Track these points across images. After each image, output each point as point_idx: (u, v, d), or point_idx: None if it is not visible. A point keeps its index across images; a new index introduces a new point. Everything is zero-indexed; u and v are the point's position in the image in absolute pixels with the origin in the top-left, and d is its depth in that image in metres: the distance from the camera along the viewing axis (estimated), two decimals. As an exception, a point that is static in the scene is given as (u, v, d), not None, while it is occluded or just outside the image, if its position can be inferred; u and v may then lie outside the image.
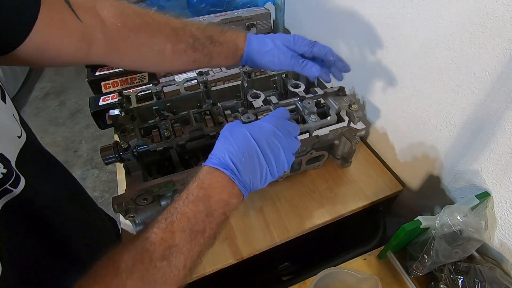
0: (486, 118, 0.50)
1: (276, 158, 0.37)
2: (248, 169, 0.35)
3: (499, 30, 0.44)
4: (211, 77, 0.95)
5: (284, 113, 0.43)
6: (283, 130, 0.39)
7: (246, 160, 0.35)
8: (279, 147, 0.37)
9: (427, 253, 0.51)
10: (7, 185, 0.32)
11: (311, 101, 0.60)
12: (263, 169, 0.36)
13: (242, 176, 0.35)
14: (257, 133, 0.37)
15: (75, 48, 0.43)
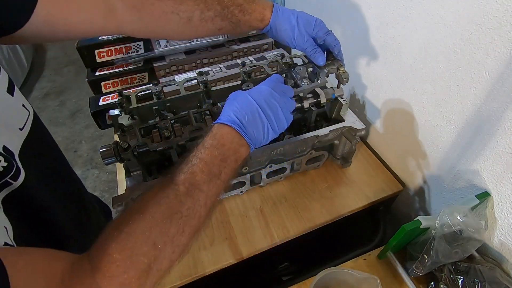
0: (486, 118, 0.50)
1: (275, 114, 0.42)
2: (251, 124, 0.40)
3: (499, 30, 0.44)
4: (211, 77, 0.96)
5: (279, 77, 0.47)
6: (279, 91, 0.43)
7: (248, 117, 0.40)
8: (276, 105, 0.42)
9: (427, 253, 0.51)
10: (7, 178, 0.33)
11: (303, 67, 0.61)
12: (264, 124, 0.41)
13: (247, 129, 0.39)
14: (256, 95, 0.41)
15: (88, 21, 0.43)
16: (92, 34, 0.46)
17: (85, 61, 0.98)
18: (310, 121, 0.70)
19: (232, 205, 0.70)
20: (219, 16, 0.49)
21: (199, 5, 0.47)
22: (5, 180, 0.33)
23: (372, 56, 0.73)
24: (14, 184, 0.34)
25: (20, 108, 0.38)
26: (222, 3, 0.49)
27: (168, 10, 0.46)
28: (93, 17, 0.43)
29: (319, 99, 0.64)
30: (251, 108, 0.40)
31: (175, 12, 0.46)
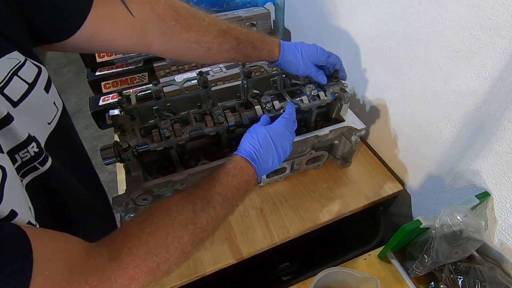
0: (486, 118, 0.50)
1: (284, 152, 0.51)
2: (264, 161, 0.48)
3: (499, 30, 0.44)
4: (211, 77, 0.95)
5: (292, 114, 0.56)
6: (290, 130, 0.53)
7: (264, 155, 0.48)
8: (287, 145, 0.51)
9: (427, 253, 0.51)
10: (35, 163, 0.37)
11: (312, 85, 0.67)
12: (274, 160, 0.50)
13: (260, 165, 0.48)
14: (274, 135, 0.50)
15: (125, 39, 0.50)
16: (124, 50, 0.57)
17: (85, 61, 0.97)
18: (310, 121, 0.70)
19: (232, 205, 0.70)
20: (234, 49, 0.56)
21: (218, 39, 0.54)
22: (34, 164, 0.36)
23: (372, 56, 0.73)
24: (40, 169, 0.38)
25: (51, 105, 0.42)
26: (238, 39, 0.56)
27: (192, 39, 0.53)
28: (130, 36, 0.50)
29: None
30: (268, 148, 0.49)
31: (197, 42, 0.54)
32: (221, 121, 0.59)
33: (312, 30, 0.98)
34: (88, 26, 0.44)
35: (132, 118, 0.62)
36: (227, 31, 0.55)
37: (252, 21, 1.08)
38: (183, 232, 0.37)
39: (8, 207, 0.29)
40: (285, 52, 0.61)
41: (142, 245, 0.34)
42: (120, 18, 0.47)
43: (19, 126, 0.33)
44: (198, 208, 0.40)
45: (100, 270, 0.31)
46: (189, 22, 0.52)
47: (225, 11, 1.10)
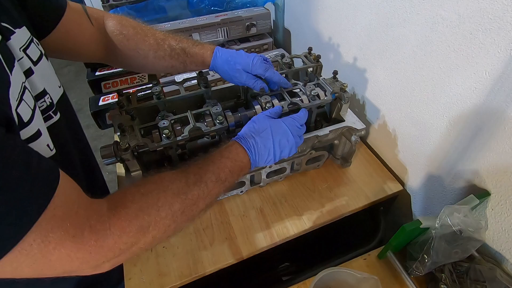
0: (486, 118, 0.50)
1: (282, 152, 0.52)
2: (260, 153, 0.50)
3: (499, 30, 0.44)
4: (211, 77, 0.95)
5: (302, 118, 0.57)
6: (294, 133, 0.53)
7: (260, 147, 0.50)
8: (285, 145, 0.52)
9: (427, 253, 0.51)
10: (50, 112, 0.44)
11: (312, 85, 0.67)
12: (270, 155, 0.51)
13: (255, 155, 0.50)
14: (275, 130, 0.52)
15: (86, 45, 0.57)
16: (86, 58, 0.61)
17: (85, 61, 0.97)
18: (310, 121, 0.70)
19: (232, 205, 0.70)
20: (168, 56, 0.61)
21: (153, 47, 0.60)
22: (49, 113, 0.44)
23: (372, 56, 0.73)
24: (54, 118, 0.45)
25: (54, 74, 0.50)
26: (171, 47, 0.61)
27: (131, 48, 0.60)
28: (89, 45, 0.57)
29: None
30: (266, 142, 0.51)
31: (136, 50, 0.60)
32: (221, 121, 0.59)
33: (312, 30, 0.98)
34: (61, 28, 0.51)
35: (132, 118, 0.62)
36: (163, 39, 0.61)
37: (252, 21, 1.08)
38: (174, 200, 0.40)
39: (36, 127, 0.37)
40: (217, 59, 0.62)
41: (135, 202, 0.37)
42: (84, 25, 0.55)
43: (37, 79, 0.42)
44: (190, 182, 0.42)
45: (99, 215, 0.34)
46: (129, 31, 0.59)
47: (225, 11, 1.10)
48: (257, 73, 0.62)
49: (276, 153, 0.52)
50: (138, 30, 0.60)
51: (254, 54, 0.63)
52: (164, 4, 1.05)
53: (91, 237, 0.32)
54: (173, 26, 1.01)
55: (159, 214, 0.38)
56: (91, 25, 0.56)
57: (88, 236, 0.32)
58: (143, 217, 0.36)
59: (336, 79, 0.69)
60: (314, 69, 0.74)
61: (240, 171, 0.48)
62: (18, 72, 0.36)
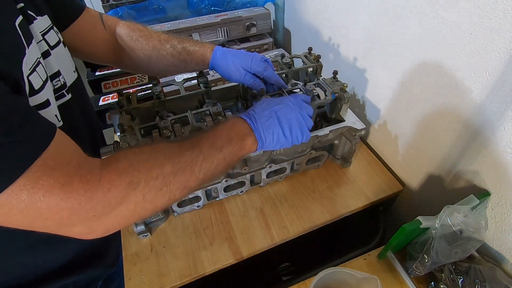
0: (486, 118, 0.50)
1: (288, 125, 0.49)
2: (264, 125, 0.48)
3: (499, 30, 0.44)
4: (211, 77, 0.95)
5: (305, 98, 0.57)
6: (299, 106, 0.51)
7: (264, 119, 0.48)
8: (292, 117, 0.49)
9: (427, 253, 0.51)
10: (63, 91, 0.48)
11: (312, 85, 0.67)
12: (277, 130, 0.48)
13: (258, 127, 0.47)
14: (277, 105, 0.50)
15: (97, 47, 0.62)
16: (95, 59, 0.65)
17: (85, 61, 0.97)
18: (310, 121, 0.70)
19: (232, 205, 0.70)
20: (170, 55, 0.63)
21: (156, 46, 0.63)
22: (62, 92, 0.48)
23: (372, 56, 0.73)
24: (66, 97, 0.49)
25: (70, 59, 0.54)
26: (173, 46, 0.63)
27: (138, 48, 0.63)
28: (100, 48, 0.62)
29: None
30: (268, 113, 0.49)
31: (141, 50, 0.63)
32: (221, 121, 0.59)
33: (312, 30, 0.98)
34: (78, 24, 0.56)
35: (132, 118, 0.62)
36: (166, 40, 0.63)
37: (252, 21, 1.08)
38: (165, 161, 0.39)
39: (45, 97, 0.40)
40: (217, 57, 0.63)
41: (127, 159, 0.38)
42: (97, 28, 0.60)
43: (53, 61, 0.46)
44: (184, 147, 0.42)
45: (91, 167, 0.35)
46: (136, 34, 0.63)
47: (225, 11, 1.10)
48: (256, 72, 0.63)
49: (284, 126, 0.48)
50: (144, 32, 0.63)
51: (255, 53, 0.64)
52: (164, 4, 1.05)
53: (80, 186, 0.32)
54: (173, 26, 1.01)
55: (150, 173, 0.37)
56: (104, 30, 0.61)
57: (78, 186, 0.32)
58: (133, 173, 0.36)
59: (336, 79, 0.69)
60: (314, 69, 0.74)
61: (241, 141, 0.46)
62: (35, 49, 0.40)
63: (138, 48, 0.63)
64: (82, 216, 0.33)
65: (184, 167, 0.40)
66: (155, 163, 0.38)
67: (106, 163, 0.36)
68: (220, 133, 0.45)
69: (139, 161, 0.38)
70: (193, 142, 0.43)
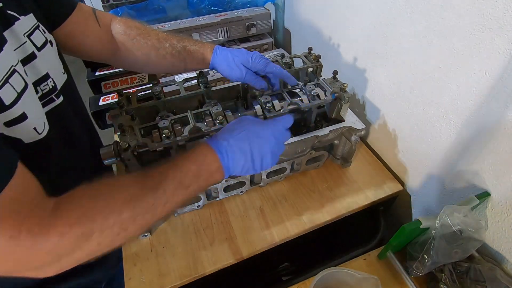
0: (486, 118, 0.50)
1: (261, 159, 0.46)
2: (235, 159, 0.44)
3: (499, 30, 0.44)
4: (211, 77, 0.95)
5: (287, 121, 0.50)
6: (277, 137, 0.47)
7: (234, 150, 0.44)
8: (267, 151, 0.46)
9: (427, 253, 0.51)
10: (53, 95, 0.46)
11: (312, 85, 0.67)
12: (247, 163, 0.45)
13: (228, 161, 0.43)
14: (254, 133, 0.45)
15: (91, 45, 0.58)
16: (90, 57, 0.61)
17: (85, 61, 0.97)
18: (310, 121, 0.70)
19: (232, 205, 0.70)
20: (169, 54, 0.62)
21: (155, 45, 0.61)
22: (51, 96, 0.46)
23: (372, 56, 0.73)
24: (56, 101, 0.47)
25: (58, 59, 0.51)
26: (172, 45, 0.62)
27: (134, 48, 0.61)
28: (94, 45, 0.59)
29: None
30: (242, 145, 0.44)
31: (138, 49, 0.61)
32: (221, 121, 0.59)
33: (312, 30, 0.98)
34: (69, 23, 0.53)
35: (132, 118, 0.62)
36: (165, 39, 0.62)
37: (252, 21, 1.08)
38: (124, 207, 0.36)
39: (21, 110, 0.37)
40: (218, 56, 0.62)
41: (81, 205, 0.35)
42: (90, 26, 0.57)
43: (40, 64, 0.43)
44: (147, 187, 0.38)
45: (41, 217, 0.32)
46: (133, 33, 0.61)
47: (225, 11, 1.10)
48: (257, 69, 0.62)
49: (256, 160, 0.45)
50: (142, 30, 0.61)
51: (255, 51, 0.62)
52: (164, 4, 1.05)
53: (27, 239, 0.30)
54: (173, 26, 1.01)
55: (106, 222, 0.35)
56: (99, 26, 0.58)
57: (25, 239, 0.30)
58: (86, 224, 0.34)
59: (336, 79, 0.69)
60: (314, 69, 0.74)
61: (209, 177, 0.43)
62: (7, 56, 0.37)
63: (135, 47, 0.61)
64: (29, 266, 0.33)
65: (144, 211, 0.38)
66: (112, 210, 0.36)
67: (58, 210, 0.34)
68: (188, 168, 0.41)
69: (95, 208, 0.35)
70: (158, 180, 0.39)
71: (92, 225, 0.34)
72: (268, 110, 0.62)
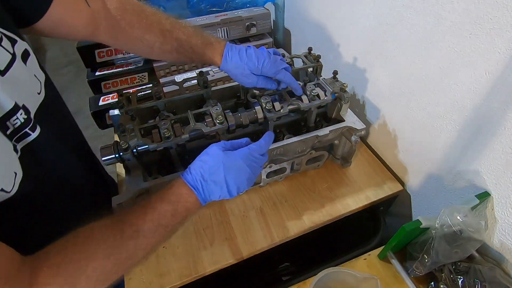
0: (486, 118, 0.50)
1: (237, 188, 0.46)
2: (210, 191, 0.45)
3: (499, 30, 0.44)
4: (211, 77, 0.95)
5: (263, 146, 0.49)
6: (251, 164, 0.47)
7: (210, 184, 0.44)
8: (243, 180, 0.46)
9: (427, 253, 0.51)
10: (26, 129, 0.40)
11: (312, 85, 0.67)
12: (223, 193, 0.45)
13: (204, 193, 0.45)
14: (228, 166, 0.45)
15: (83, 27, 0.52)
16: (84, 39, 0.55)
17: (85, 61, 0.97)
18: (310, 121, 0.70)
19: (232, 205, 0.70)
20: (175, 50, 0.57)
21: (159, 38, 0.56)
22: (25, 131, 0.39)
23: (372, 57, 0.73)
24: (32, 135, 0.41)
25: (32, 77, 0.44)
26: (179, 41, 0.56)
27: (135, 36, 0.55)
28: (87, 27, 0.52)
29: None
30: (217, 178, 0.44)
31: (140, 40, 0.56)
32: (221, 121, 0.59)
33: (312, 30, 0.98)
34: (53, 13, 0.46)
35: (132, 118, 0.62)
36: (170, 31, 0.56)
37: (252, 21, 1.08)
38: (106, 261, 0.36)
39: None
40: (228, 64, 0.58)
41: (60, 275, 0.33)
42: (79, 7, 0.50)
43: (5, 94, 0.36)
44: (126, 236, 0.38)
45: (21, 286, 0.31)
46: (132, 19, 0.54)
47: (225, 11, 1.09)
48: (267, 74, 0.59)
49: (232, 190, 0.46)
50: (142, 17, 0.55)
51: (265, 55, 0.58)
52: (164, 4, 1.05)
53: None
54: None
55: (90, 281, 0.35)
56: (88, 6, 0.51)
57: None
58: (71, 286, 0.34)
59: (336, 79, 0.69)
60: (314, 69, 0.74)
61: (187, 212, 0.44)
62: None
63: (136, 35, 0.55)
64: None
65: (127, 258, 0.38)
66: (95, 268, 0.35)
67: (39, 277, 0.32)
68: (165, 210, 0.42)
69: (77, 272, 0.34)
70: (136, 225, 0.39)
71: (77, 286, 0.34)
72: (268, 110, 0.62)
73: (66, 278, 0.34)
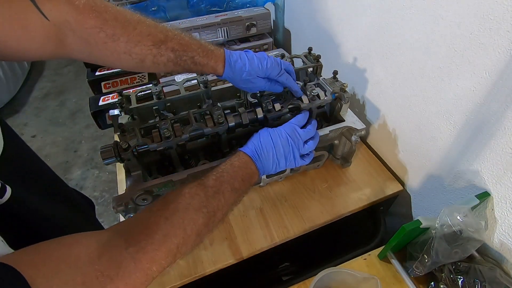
0: (486, 118, 0.50)
1: (286, 157, 0.54)
2: (265, 160, 0.52)
3: (499, 30, 0.44)
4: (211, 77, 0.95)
5: (301, 120, 0.58)
6: (295, 138, 0.55)
7: (264, 154, 0.52)
8: (289, 150, 0.54)
9: (427, 253, 0.51)
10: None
11: (312, 85, 0.67)
12: (274, 162, 0.53)
13: (262, 162, 0.52)
14: (275, 138, 0.54)
15: (41, 48, 0.43)
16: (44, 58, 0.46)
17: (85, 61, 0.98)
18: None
19: (232, 205, 0.70)
20: (171, 62, 0.50)
21: (152, 50, 0.48)
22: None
23: (372, 57, 0.73)
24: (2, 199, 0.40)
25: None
26: (176, 52, 0.49)
27: (120, 50, 0.46)
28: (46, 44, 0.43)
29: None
30: (268, 149, 0.53)
31: (127, 53, 0.47)
32: (221, 121, 0.59)
33: (312, 30, 0.98)
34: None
35: (132, 118, 0.62)
36: (164, 41, 0.48)
37: (252, 21, 1.08)
38: (197, 216, 0.41)
39: None
40: (232, 68, 0.55)
41: (160, 229, 0.37)
42: (32, 22, 0.40)
43: None
44: (209, 195, 0.43)
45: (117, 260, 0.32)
46: (116, 31, 0.45)
47: (225, 11, 1.10)
48: (270, 77, 0.58)
49: (280, 161, 0.53)
50: (128, 28, 0.46)
51: (265, 56, 0.57)
52: (164, 4, 1.05)
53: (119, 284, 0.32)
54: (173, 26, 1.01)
55: (186, 233, 0.39)
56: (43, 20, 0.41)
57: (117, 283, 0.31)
58: (171, 241, 0.37)
59: (336, 79, 0.69)
60: (314, 69, 0.74)
61: (251, 179, 0.50)
62: None
63: (122, 50, 0.47)
64: None
65: (212, 216, 0.43)
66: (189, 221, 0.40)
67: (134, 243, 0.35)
68: (236, 174, 0.48)
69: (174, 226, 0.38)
70: (216, 187, 0.45)
71: (176, 240, 0.37)
72: (268, 111, 0.62)
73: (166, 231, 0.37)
